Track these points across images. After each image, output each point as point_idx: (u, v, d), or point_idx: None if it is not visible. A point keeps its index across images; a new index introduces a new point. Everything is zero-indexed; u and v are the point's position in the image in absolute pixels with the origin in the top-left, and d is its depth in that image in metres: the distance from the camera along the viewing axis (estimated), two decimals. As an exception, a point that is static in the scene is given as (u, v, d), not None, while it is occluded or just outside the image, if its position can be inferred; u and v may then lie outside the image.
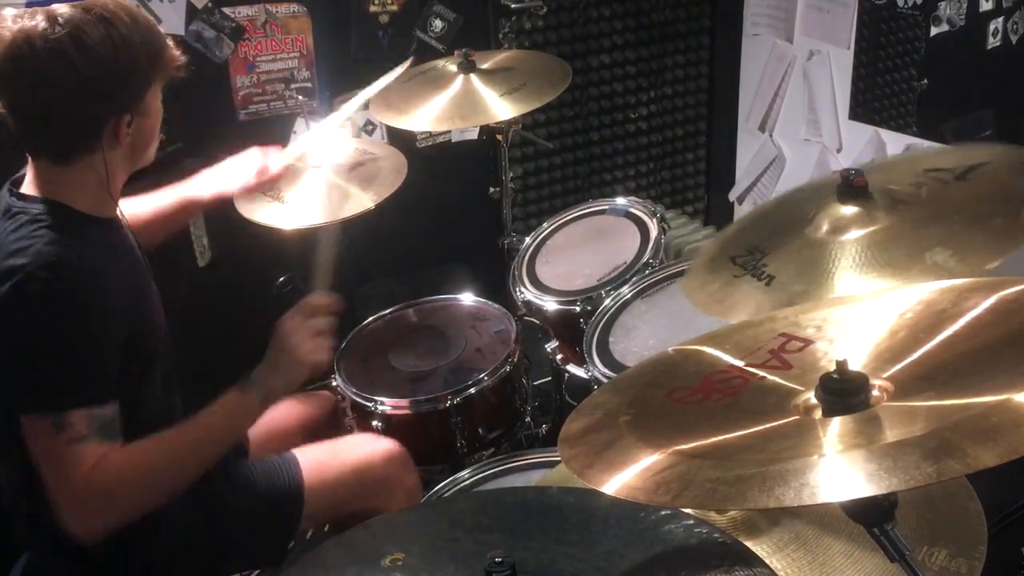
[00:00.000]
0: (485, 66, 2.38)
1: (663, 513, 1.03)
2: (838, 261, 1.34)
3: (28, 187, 1.51)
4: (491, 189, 2.74)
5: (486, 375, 2.05)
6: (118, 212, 1.59)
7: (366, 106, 2.31)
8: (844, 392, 0.89)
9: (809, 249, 1.39)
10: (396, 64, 2.28)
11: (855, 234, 1.37)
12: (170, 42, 1.53)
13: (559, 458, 1.02)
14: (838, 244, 1.37)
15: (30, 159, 1.51)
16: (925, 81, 2.80)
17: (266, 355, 1.59)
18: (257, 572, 1.80)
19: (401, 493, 1.81)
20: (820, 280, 1.33)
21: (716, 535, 1.03)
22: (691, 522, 1.03)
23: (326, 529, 1.88)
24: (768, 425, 0.91)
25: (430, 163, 2.91)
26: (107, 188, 1.50)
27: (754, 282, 1.40)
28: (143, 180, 1.69)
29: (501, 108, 2.25)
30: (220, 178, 1.94)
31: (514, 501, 1.14)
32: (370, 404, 2.05)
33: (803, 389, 0.95)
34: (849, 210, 1.39)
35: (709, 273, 1.50)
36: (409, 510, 1.54)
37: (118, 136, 1.46)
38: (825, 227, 1.40)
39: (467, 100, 2.30)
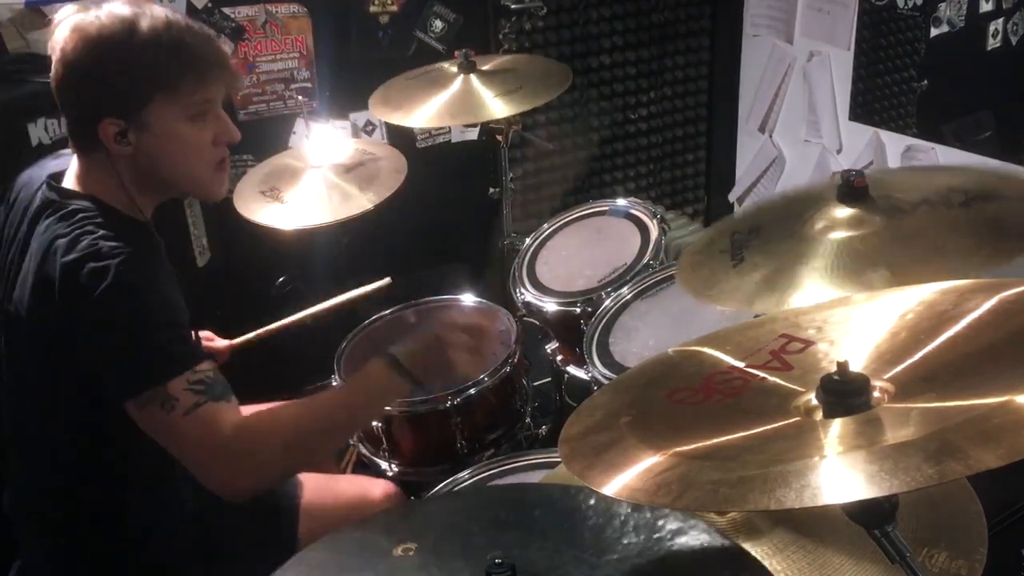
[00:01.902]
0: (486, 67, 2.38)
1: (681, 524, 1.02)
2: (804, 258, 1.34)
3: (70, 182, 1.52)
4: (491, 189, 2.74)
5: (486, 376, 2.04)
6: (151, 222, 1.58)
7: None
8: (845, 393, 0.89)
9: (791, 241, 1.39)
10: (395, 62, 2.26)
11: (837, 235, 1.37)
12: (223, 73, 1.49)
13: (559, 459, 1.01)
14: (817, 241, 1.37)
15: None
16: (925, 82, 2.80)
17: (416, 348, 1.57)
18: None
19: None
20: (779, 273, 1.33)
21: (732, 549, 1.01)
22: (708, 537, 1.01)
23: None
24: (769, 426, 0.91)
25: (430, 163, 2.91)
26: (126, 191, 1.49)
27: (727, 261, 1.41)
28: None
29: (498, 106, 2.25)
30: None
31: (534, 498, 1.13)
32: (370, 405, 2.05)
33: (804, 390, 0.95)
34: (843, 211, 1.39)
35: (708, 244, 1.50)
36: (428, 500, 1.52)
37: (111, 139, 1.45)
38: (818, 224, 1.40)
39: (465, 98, 2.30)
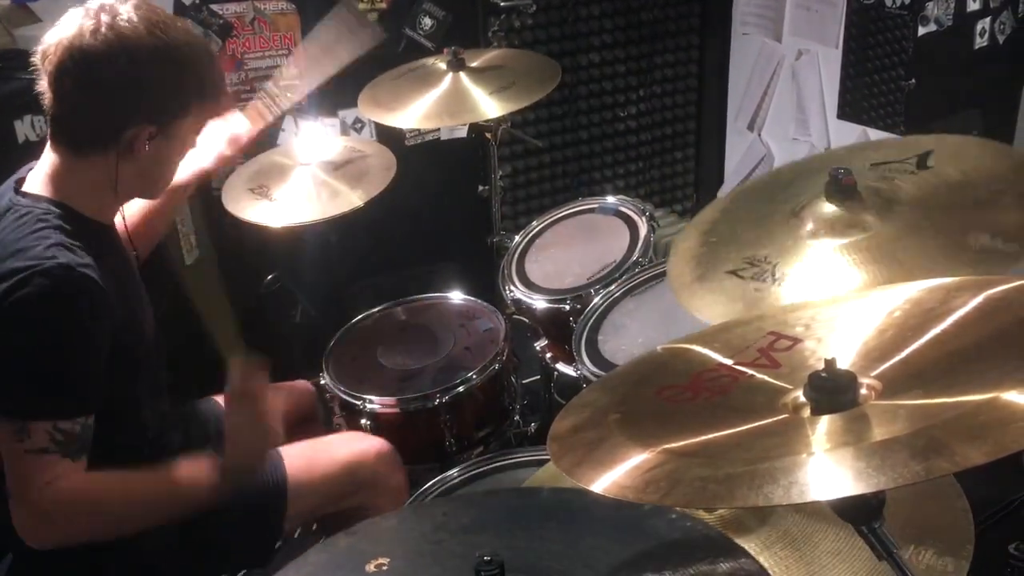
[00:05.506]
0: (475, 64, 2.38)
1: (646, 508, 1.03)
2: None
3: (35, 185, 1.50)
4: (480, 187, 2.73)
5: (475, 373, 2.04)
6: (117, 221, 1.60)
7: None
8: (832, 390, 0.89)
9: (810, 252, 1.34)
10: (384, 60, 2.25)
11: (851, 238, 1.32)
12: (222, 85, 1.57)
13: (548, 456, 1.01)
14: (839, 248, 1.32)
15: (48, 150, 1.51)
16: (913, 80, 2.81)
17: (227, 442, 1.58)
18: (243, 573, 1.79)
19: (388, 491, 1.80)
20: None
21: (700, 528, 1.03)
22: (674, 516, 1.04)
23: (314, 528, 1.87)
24: (757, 423, 0.91)
25: (419, 161, 2.90)
26: (115, 191, 1.51)
27: (762, 286, 1.32)
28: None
29: (490, 106, 2.25)
30: (193, 159, 1.88)
31: (497, 502, 1.15)
32: (359, 403, 2.04)
33: (792, 387, 0.95)
34: (839, 211, 1.36)
35: (707, 293, 1.41)
36: (391, 516, 1.54)
37: (134, 146, 1.47)
38: (812, 225, 1.37)
39: (456, 98, 2.29)
